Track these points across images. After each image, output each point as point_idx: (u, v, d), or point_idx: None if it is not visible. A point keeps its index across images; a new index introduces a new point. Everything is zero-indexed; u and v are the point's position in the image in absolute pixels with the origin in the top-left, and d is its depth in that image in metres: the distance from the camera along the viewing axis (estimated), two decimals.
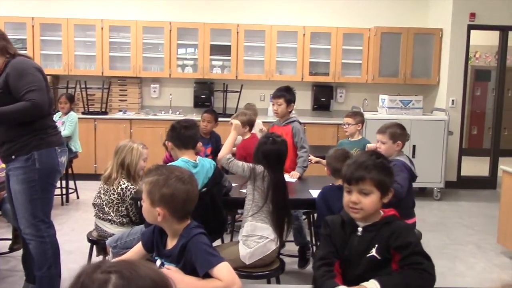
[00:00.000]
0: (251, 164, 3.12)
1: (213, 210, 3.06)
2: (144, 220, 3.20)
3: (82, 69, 7.43)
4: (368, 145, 4.47)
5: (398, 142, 3.54)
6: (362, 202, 2.02)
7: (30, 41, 7.19)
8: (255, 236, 3.00)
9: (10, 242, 4.21)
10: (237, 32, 7.35)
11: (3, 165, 3.82)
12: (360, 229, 2.06)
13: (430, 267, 1.94)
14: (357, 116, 4.76)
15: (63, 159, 3.34)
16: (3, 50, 3.12)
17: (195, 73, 7.49)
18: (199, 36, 7.36)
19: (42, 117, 3.16)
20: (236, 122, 3.51)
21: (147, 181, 2.00)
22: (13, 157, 3.15)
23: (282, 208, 3.10)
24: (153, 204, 1.96)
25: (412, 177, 3.51)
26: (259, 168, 3.08)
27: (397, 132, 3.55)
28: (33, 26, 7.21)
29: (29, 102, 3.01)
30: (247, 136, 4.65)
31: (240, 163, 3.16)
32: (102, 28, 7.27)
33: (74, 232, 4.81)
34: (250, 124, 4.70)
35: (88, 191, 6.18)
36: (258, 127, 5.29)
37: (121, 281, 1.02)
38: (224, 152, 3.25)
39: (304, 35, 7.41)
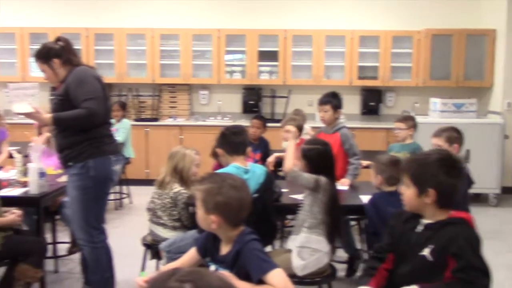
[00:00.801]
0: (314, 176, 3.05)
1: (265, 216, 3.07)
2: (197, 225, 3.26)
3: (133, 77, 7.63)
4: None
5: (455, 145, 3.47)
6: (403, 194, 2.09)
7: (85, 51, 7.44)
8: (309, 248, 2.97)
9: (68, 245, 4.36)
10: (285, 38, 7.37)
11: (60, 171, 3.99)
12: (420, 226, 2.03)
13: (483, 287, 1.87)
14: (409, 120, 4.68)
15: (117, 167, 3.44)
16: (66, 63, 3.27)
17: (243, 79, 7.56)
18: (247, 42, 7.43)
19: (98, 126, 3.26)
20: (293, 129, 3.47)
21: (201, 189, 2.03)
22: (70, 164, 3.28)
23: (338, 219, 3.09)
24: (207, 211, 2.00)
25: (469, 183, 3.42)
26: (322, 180, 3.03)
27: (454, 136, 3.49)
28: (87, 36, 7.46)
29: (85, 110, 3.12)
30: (296, 142, 4.64)
31: (308, 175, 3.06)
32: (152, 37, 7.45)
33: (127, 236, 4.91)
34: (299, 129, 4.71)
35: (141, 196, 6.32)
36: (306, 133, 5.28)
37: None
38: (290, 164, 3.11)
39: (352, 39, 7.34)
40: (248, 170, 3.11)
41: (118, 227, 5.39)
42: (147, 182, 6.52)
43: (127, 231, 5.27)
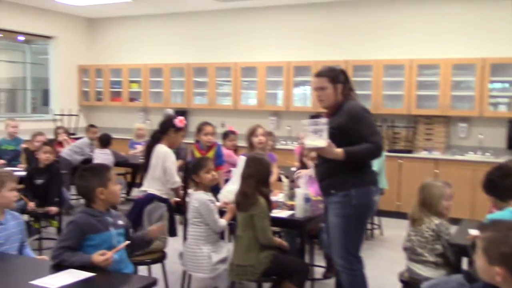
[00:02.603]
0: None
1: None
2: (460, 267, 3.06)
3: (389, 108, 7.64)
4: None
5: None
6: None
7: None
8: None
9: (324, 269, 4.55)
10: None
11: (320, 198, 4.20)
12: None
13: None
14: None
15: (376, 198, 3.50)
16: (345, 92, 3.45)
17: (510, 111, 6.91)
18: None
19: None
20: None
21: (483, 238, 1.92)
22: (332, 192, 3.43)
23: None
24: (490, 262, 1.87)
25: None
26: None
27: None
28: (346, 68, 7.76)
29: (373, 145, 3.28)
30: None
31: None
32: (410, 67, 7.37)
33: (380, 269, 4.89)
34: None
35: (391, 228, 6.27)
36: None
37: None
38: None
39: None
40: None
41: (370, 258, 5.37)
42: (398, 214, 6.47)
43: (379, 263, 5.24)
